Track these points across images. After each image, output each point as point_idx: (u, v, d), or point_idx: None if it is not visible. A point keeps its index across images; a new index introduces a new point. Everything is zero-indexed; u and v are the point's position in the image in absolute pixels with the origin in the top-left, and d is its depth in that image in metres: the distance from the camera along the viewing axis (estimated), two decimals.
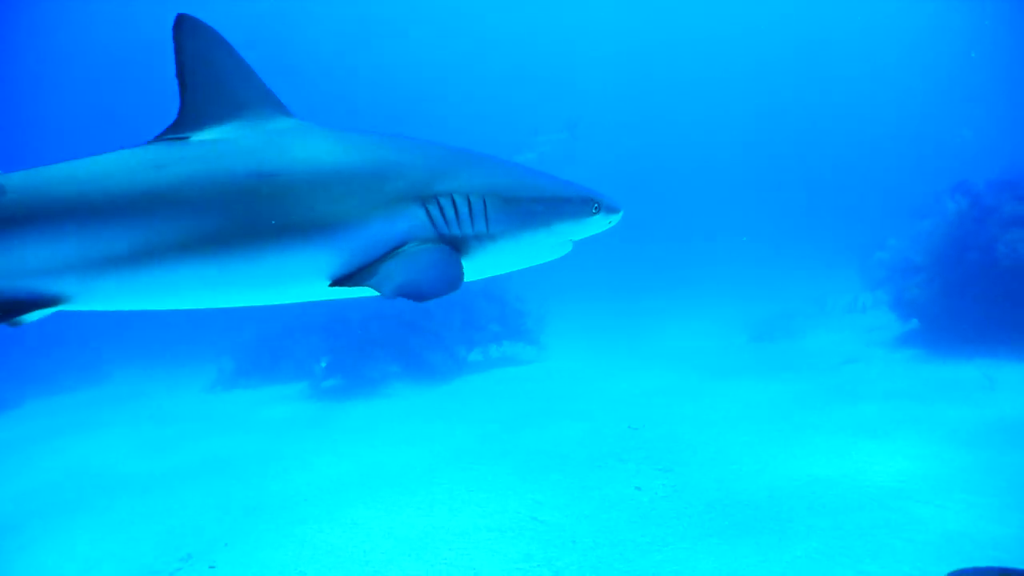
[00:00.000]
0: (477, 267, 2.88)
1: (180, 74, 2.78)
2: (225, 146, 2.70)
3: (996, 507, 6.35)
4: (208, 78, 2.80)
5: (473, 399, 13.78)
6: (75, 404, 18.40)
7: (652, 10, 56.69)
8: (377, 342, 17.29)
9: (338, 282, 2.65)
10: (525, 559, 6.45)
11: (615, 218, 3.14)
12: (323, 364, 16.74)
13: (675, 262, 31.94)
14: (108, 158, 2.70)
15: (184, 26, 2.74)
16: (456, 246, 2.72)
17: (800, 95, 58.07)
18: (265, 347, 19.57)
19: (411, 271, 2.56)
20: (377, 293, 2.64)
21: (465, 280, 2.70)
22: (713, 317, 21.67)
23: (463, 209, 2.73)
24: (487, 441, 10.63)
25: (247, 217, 2.54)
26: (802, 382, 12.33)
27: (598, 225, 3.09)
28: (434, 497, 8.35)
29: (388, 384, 16.36)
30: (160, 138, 2.82)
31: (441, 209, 2.70)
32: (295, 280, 2.69)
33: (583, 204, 2.98)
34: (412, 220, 2.68)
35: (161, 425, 14.48)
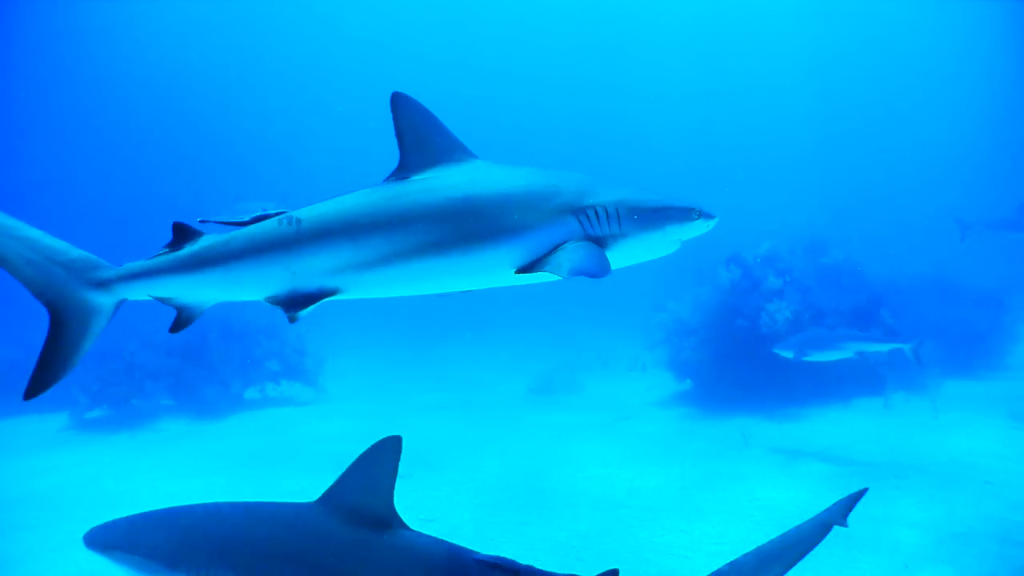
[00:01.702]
0: (613, 258, 3.72)
1: (398, 133, 3.87)
2: (437, 181, 3.75)
3: None
4: (417, 135, 3.89)
5: (245, 440, 13.07)
6: None
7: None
8: (150, 372, 16.21)
9: (522, 270, 3.61)
10: None
11: (712, 223, 4.00)
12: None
13: (467, 310, 32.38)
14: (360, 194, 3.78)
15: (399, 100, 3.86)
16: (600, 243, 3.67)
17: (619, 151, 61.00)
18: (19, 368, 17.73)
19: (579, 259, 3.47)
20: (556, 277, 3.53)
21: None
22: (497, 366, 21.94)
23: (603, 217, 3.68)
24: (246, 488, 10.09)
25: (458, 228, 3.56)
26: (574, 434, 12.62)
27: (699, 228, 3.97)
28: None
29: (159, 418, 15.37)
30: (390, 178, 3.87)
31: (587, 218, 3.67)
32: (491, 270, 3.66)
33: (686, 212, 3.87)
34: (569, 226, 3.65)
35: None
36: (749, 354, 13.99)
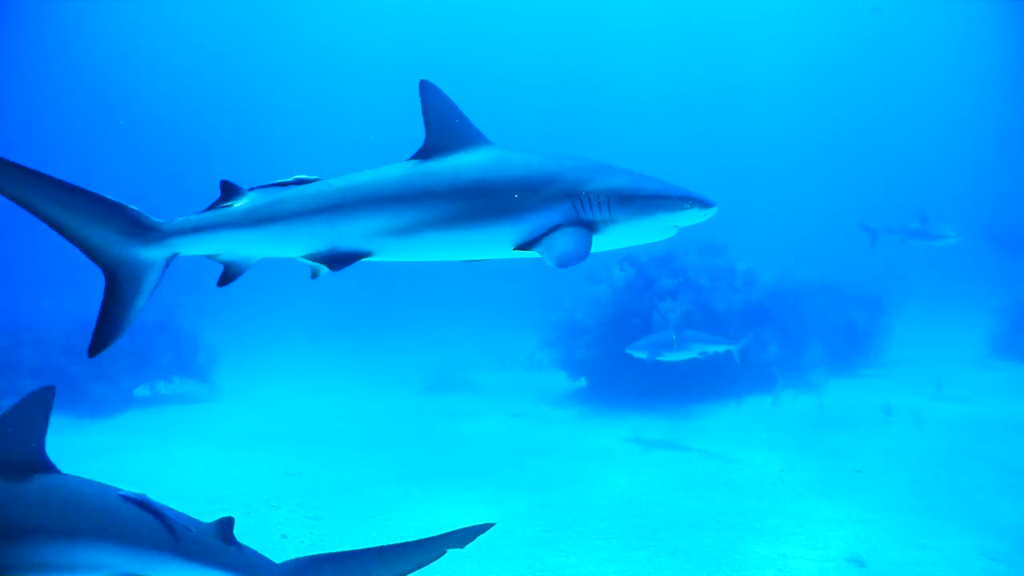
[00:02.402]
0: (605, 241, 4.10)
1: (425, 117, 4.22)
2: (458, 163, 4.13)
3: None
4: (441, 120, 4.25)
5: (130, 438, 12.55)
6: None
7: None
8: (28, 370, 15.32)
9: (519, 247, 4.00)
10: None
11: (710, 212, 4.23)
12: None
13: (362, 307, 32.24)
14: (393, 168, 4.16)
15: (426, 88, 4.23)
16: (591, 227, 4.01)
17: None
18: None
19: (562, 245, 3.88)
20: (540, 257, 3.93)
21: (597, 251, 4.06)
22: (391, 363, 21.79)
23: (595, 203, 4.01)
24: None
25: (472, 206, 3.96)
26: (466, 431, 12.63)
27: (695, 217, 4.19)
28: None
29: None
30: (416, 157, 4.23)
31: (581, 203, 4.00)
32: (495, 245, 4.05)
33: (678, 201, 4.12)
34: (565, 210, 4.00)
35: None
36: None
